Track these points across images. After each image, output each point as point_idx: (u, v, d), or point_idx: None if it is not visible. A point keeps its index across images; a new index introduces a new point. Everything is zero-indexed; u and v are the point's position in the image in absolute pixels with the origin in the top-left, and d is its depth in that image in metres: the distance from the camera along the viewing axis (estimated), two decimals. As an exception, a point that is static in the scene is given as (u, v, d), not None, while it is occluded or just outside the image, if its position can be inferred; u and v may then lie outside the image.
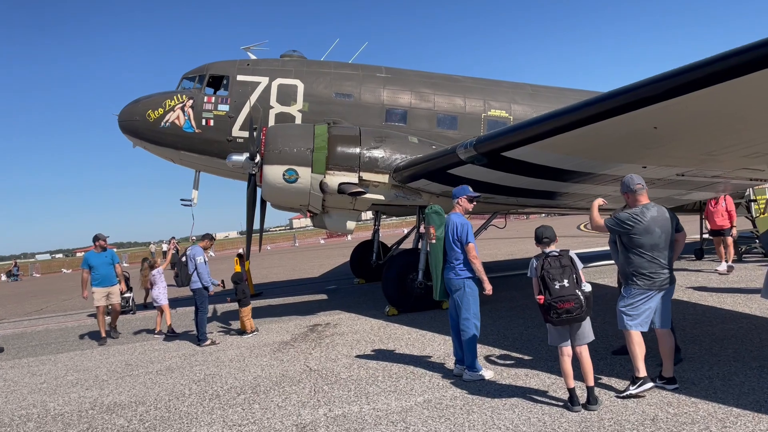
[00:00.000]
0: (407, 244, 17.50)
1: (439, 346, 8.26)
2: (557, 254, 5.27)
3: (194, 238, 19.36)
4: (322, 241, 58.22)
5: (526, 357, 7.23)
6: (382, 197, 10.83)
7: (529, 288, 6.02)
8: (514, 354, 7.44)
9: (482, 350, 7.61)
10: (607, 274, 14.08)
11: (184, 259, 10.14)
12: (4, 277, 48.19)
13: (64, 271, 54.07)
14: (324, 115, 12.53)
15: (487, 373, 6.47)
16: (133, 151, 13.88)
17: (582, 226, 34.83)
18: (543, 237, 5.40)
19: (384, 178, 10.66)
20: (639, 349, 5.34)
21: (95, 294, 11.48)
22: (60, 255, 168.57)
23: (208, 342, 9.99)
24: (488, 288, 6.43)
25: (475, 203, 6.88)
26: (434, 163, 9.55)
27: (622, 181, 5.73)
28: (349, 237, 56.14)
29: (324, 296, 15.11)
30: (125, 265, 49.83)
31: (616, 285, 6.29)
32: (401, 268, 11.17)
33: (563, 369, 5.25)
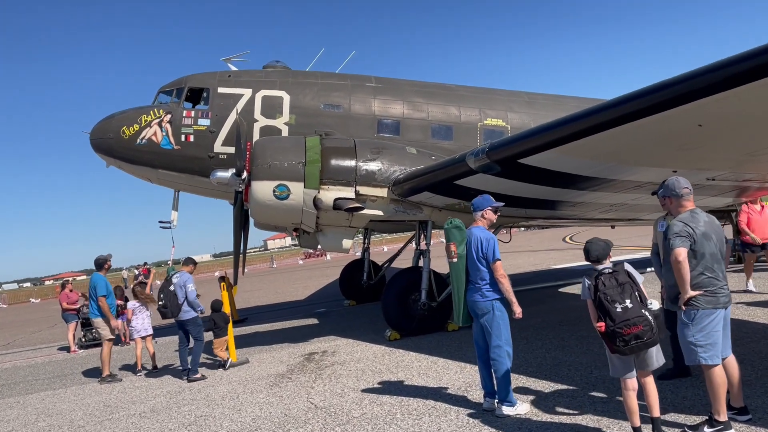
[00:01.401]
0: (401, 263, 16.83)
1: (456, 375, 7.48)
2: (611, 270, 4.54)
3: (170, 262, 18.30)
4: (301, 262, 57.09)
5: (561, 386, 6.48)
6: (380, 212, 10.09)
7: (539, 303, 5.37)
8: (544, 383, 6.69)
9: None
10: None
11: (172, 288, 9.16)
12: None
13: (33, 300, 51.89)
14: (312, 127, 11.77)
15: (523, 407, 5.71)
16: (104, 171, 12.94)
17: (568, 239, 34.51)
18: (592, 254, 4.65)
19: (382, 192, 9.92)
20: (722, 387, 4.49)
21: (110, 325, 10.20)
22: (28, 284, 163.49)
23: (198, 375, 9.04)
24: (518, 311, 5.71)
25: (498, 214, 6.17)
26: (439, 174, 8.85)
27: (665, 184, 5.06)
28: (329, 257, 55.29)
29: (314, 320, 14.24)
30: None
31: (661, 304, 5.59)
32: (402, 288, 10.42)
33: (628, 406, 4.50)
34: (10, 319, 30.96)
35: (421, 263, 10.70)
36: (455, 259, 5.83)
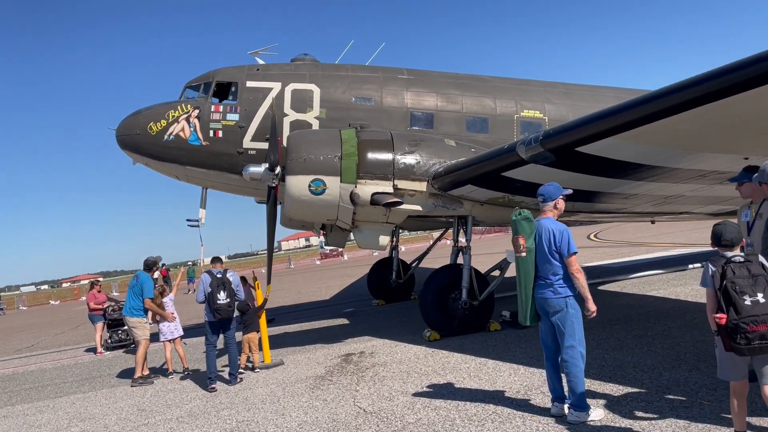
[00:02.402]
0: (429, 261, 16.38)
1: (510, 378, 7.04)
2: (744, 259, 4.02)
3: (201, 262, 17.92)
4: (318, 262, 56.81)
5: (630, 389, 6.03)
6: (419, 207, 9.68)
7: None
8: (611, 385, 6.23)
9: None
10: (664, 284, 13.00)
11: (225, 287, 8.64)
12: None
13: (52, 302, 52.07)
14: (343, 121, 11.38)
15: (597, 412, 5.27)
16: (124, 169, 12.64)
17: (593, 236, 33.83)
18: (725, 237, 4.10)
19: (421, 186, 9.51)
20: None
21: (146, 324, 10.05)
22: (45, 286, 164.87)
23: (239, 381, 8.67)
24: (593, 308, 5.27)
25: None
26: (485, 165, 8.42)
27: (763, 170, 4.61)
28: (346, 257, 54.94)
29: (345, 320, 13.85)
30: (116, 294, 48.21)
31: None
32: (442, 286, 10.00)
33: (734, 410, 4.05)
34: (33, 321, 30.92)
35: (460, 260, 10.28)
36: (524, 254, 5.39)
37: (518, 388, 6.55)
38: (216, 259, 9.22)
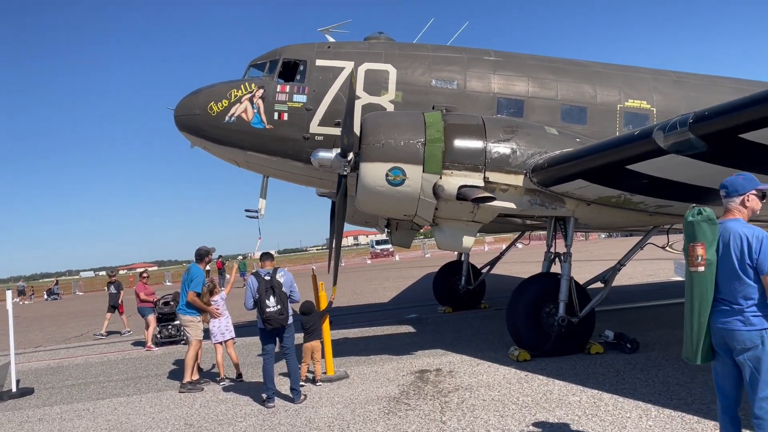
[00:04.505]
0: (506, 267, 14.97)
1: (643, 423, 5.58)
2: None
3: (254, 254, 16.98)
4: (369, 262, 55.72)
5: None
6: (512, 205, 8.28)
7: None
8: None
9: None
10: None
11: (276, 289, 7.44)
12: (45, 296, 47.10)
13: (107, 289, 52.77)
14: (420, 106, 10.09)
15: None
16: (183, 156, 11.70)
17: (668, 247, 31.29)
18: None
19: (517, 180, 8.12)
20: None
21: (200, 324, 9.08)
22: (103, 273, 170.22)
23: (303, 396, 7.48)
24: None
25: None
26: (606, 156, 6.96)
27: None
28: (397, 257, 53.72)
29: (409, 328, 12.57)
30: (168, 284, 48.43)
31: None
32: (535, 299, 8.60)
33: None
34: (86, 307, 30.91)
35: (556, 269, 8.86)
36: (701, 268, 3.96)
37: (657, 438, 5.12)
38: (266, 256, 7.90)
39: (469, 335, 10.97)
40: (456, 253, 14.49)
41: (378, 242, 59.24)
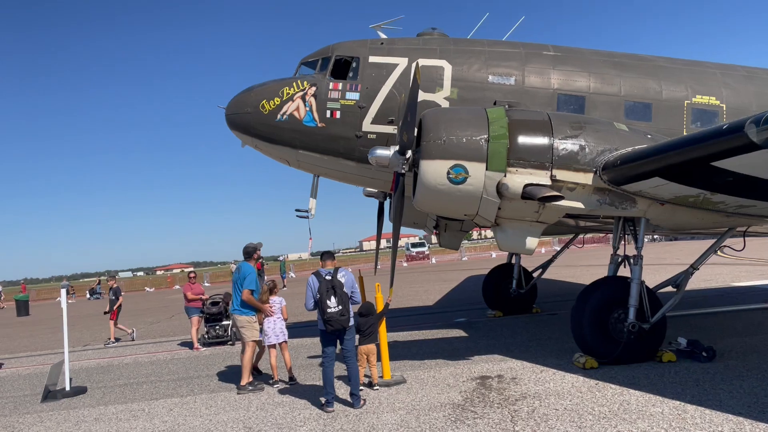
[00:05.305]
0: (555, 271, 14.47)
1: (736, 434, 5.18)
2: None
3: (281, 258, 16.86)
4: (405, 264, 55.30)
5: None
6: (580, 204, 7.90)
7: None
8: None
9: None
10: None
11: (337, 290, 7.17)
12: (87, 295, 48.09)
13: (147, 289, 53.63)
14: (477, 103, 9.80)
15: None
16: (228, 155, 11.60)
17: (720, 252, 30.21)
18: None
19: (587, 178, 7.74)
20: None
21: (256, 324, 8.83)
22: (141, 273, 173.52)
23: (363, 403, 7.22)
24: None
25: None
26: (689, 152, 6.53)
27: None
28: (434, 260, 53.31)
29: (461, 332, 12.23)
30: (207, 285, 48.90)
31: None
32: (603, 303, 8.18)
33: None
34: (129, 307, 31.11)
35: (624, 273, 8.43)
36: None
37: (763, 456, 4.70)
38: (327, 255, 7.63)
39: (525, 340, 10.58)
40: (509, 254, 14.13)
41: (413, 245, 58.91)
